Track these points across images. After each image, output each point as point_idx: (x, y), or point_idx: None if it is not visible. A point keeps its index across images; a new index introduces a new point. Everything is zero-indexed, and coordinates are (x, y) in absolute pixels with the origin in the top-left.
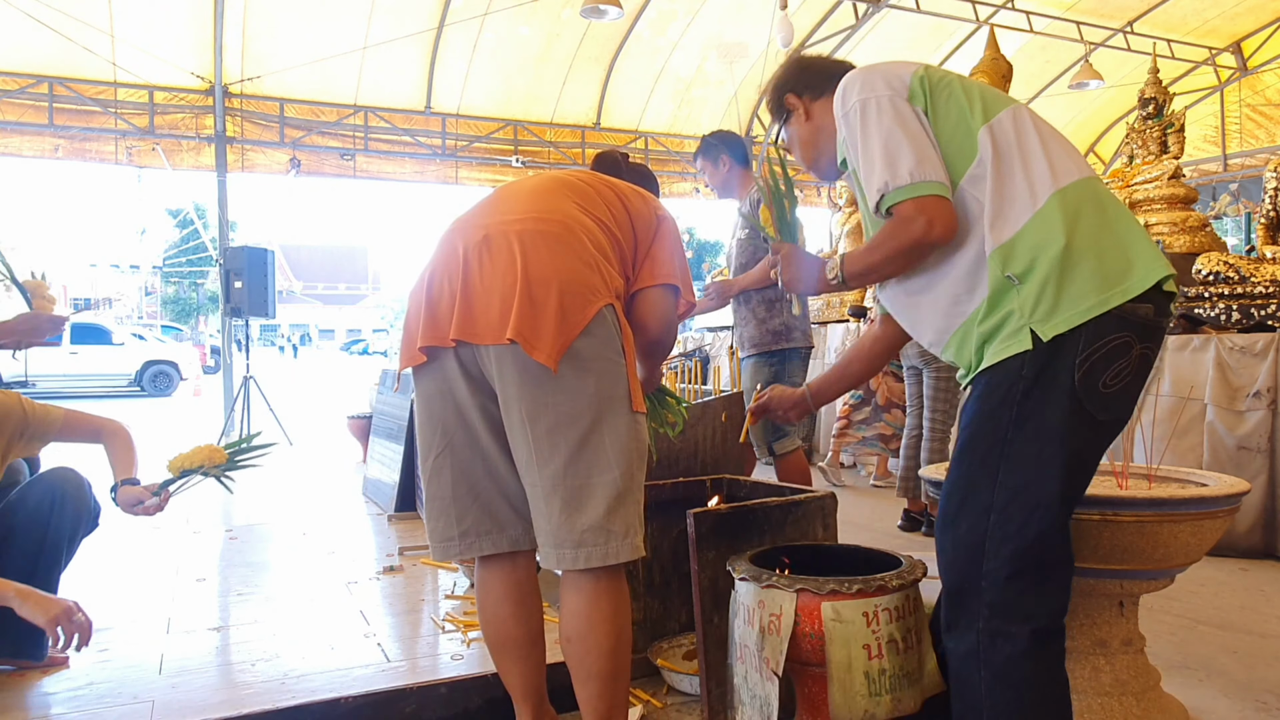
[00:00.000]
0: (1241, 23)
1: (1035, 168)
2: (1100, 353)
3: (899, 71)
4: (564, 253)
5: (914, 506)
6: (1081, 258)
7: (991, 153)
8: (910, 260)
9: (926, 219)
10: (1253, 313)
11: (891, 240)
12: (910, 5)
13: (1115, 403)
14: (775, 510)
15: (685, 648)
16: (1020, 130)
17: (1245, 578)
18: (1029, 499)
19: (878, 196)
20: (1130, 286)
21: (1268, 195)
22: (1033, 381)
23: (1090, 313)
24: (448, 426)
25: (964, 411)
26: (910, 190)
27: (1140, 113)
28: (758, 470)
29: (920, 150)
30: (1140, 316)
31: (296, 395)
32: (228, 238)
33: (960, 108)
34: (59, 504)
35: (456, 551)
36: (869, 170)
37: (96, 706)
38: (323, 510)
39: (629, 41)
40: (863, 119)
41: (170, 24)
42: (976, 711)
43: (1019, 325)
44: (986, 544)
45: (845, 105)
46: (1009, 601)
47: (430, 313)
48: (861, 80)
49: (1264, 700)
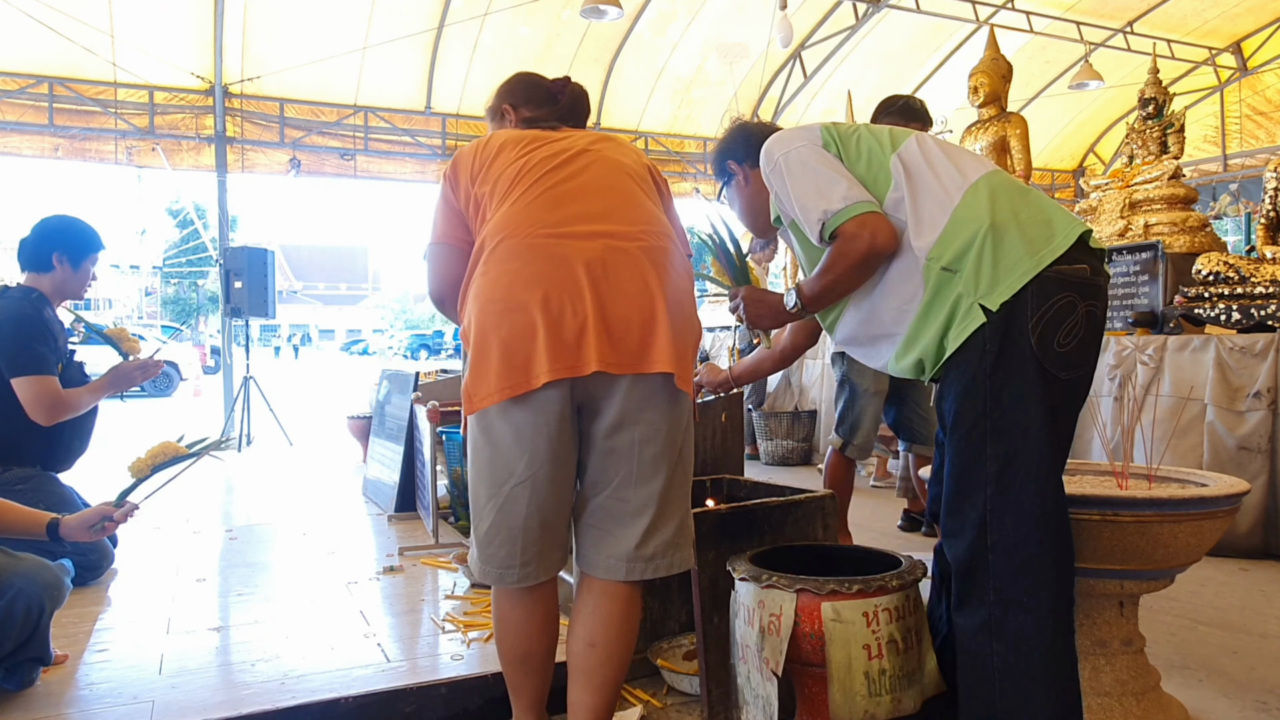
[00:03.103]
0: (1241, 23)
1: (944, 175)
2: (1049, 314)
3: (808, 129)
4: (675, 269)
5: (914, 507)
6: (1006, 230)
7: (904, 174)
8: (862, 273)
9: (869, 231)
10: (1253, 313)
11: (842, 259)
12: (910, 5)
13: (1073, 360)
14: (775, 510)
15: (685, 648)
16: (925, 150)
17: (1245, 578)
18: (1019, 466)
19: (819, 226)
20: (1057, 245)
21: (1268, 195)
22: (997, 353)
23: (1026, 275)
24: (536, 457)
25: (943, 399)
26: (848, 212)
27: (1140, 113)
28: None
29: (847, 180)
30: (1078, 276)
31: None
32: (228, 238)
33: (869, 146)
34: (42, 614)
35: (514, 579)
36: (806, 208)
37: (96, 706)
38: (323, 510)
39: (629, 42)
40: (788, 168)
41: (170, 24)
42: (988, 684)
43: (969, 304)
44: (988, 517)
45: (770, 163)
46: (1018, 569)
47: (555, 337)
48: (779, 140)
49: (1264, 700)
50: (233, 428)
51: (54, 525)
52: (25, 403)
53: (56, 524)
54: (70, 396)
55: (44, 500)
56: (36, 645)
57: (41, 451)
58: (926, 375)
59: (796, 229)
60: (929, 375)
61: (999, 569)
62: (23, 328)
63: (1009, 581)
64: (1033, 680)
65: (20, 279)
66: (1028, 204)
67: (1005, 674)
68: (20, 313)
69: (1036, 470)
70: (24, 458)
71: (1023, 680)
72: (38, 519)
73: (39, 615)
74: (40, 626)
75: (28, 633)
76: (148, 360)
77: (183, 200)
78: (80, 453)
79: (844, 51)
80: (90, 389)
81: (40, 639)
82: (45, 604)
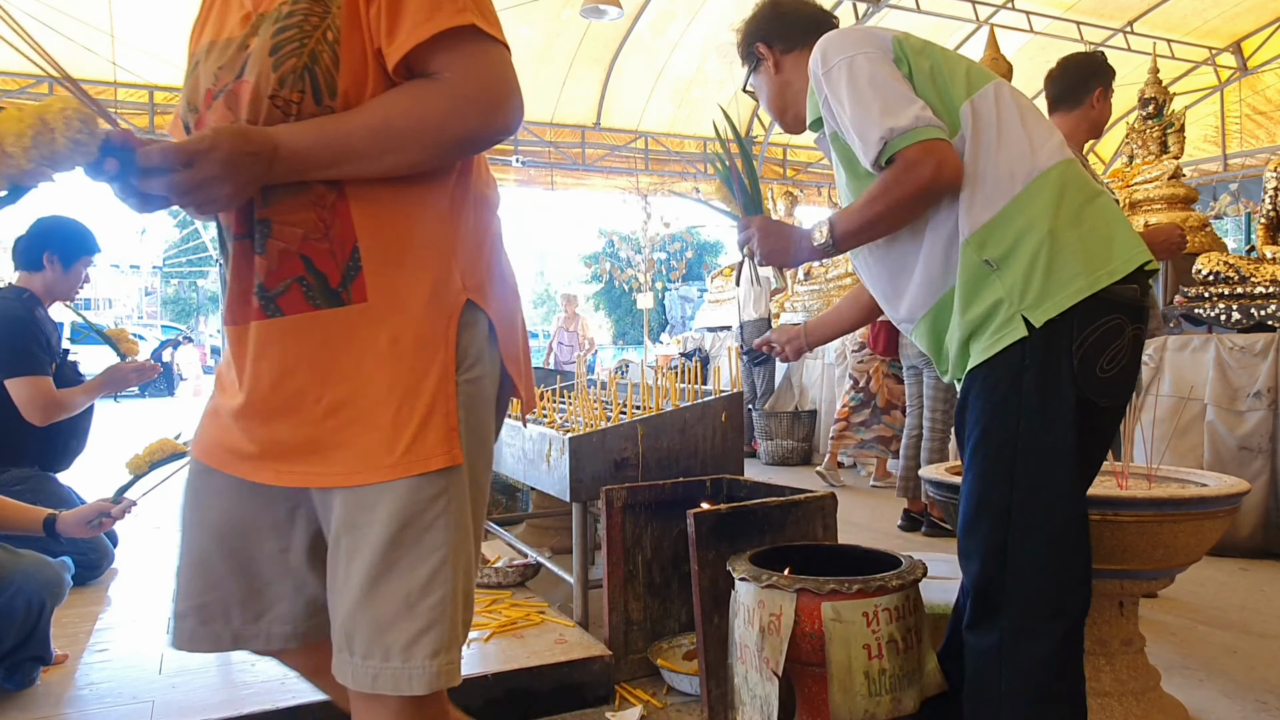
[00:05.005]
0: (1241, 23)
1: (1014, 147)
2: (1094, 336)
3: (878, 34)
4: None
5: (914, 507)
6: (1066, 241)
7: (971, 127)
8: (915, 209)
9: (935, 160)
10: (1253, 313)
11: (897, 187)
12: (910, 5)
13: (1113, 387)
14: (775, 510)
15: (685, 648)
16: (1001, 107)
17: (1245, 578)
18: (1048, 493)
19: (879, 146)
20: (1116, 268)
21: (1268, 195)
22: (1036, 371)
23: (1079, 294)
24: None
25: (966, 410)
26: (915, 134)
27: (1140, 113)
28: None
29: (920, 102)
30: (1128, 298)
31: None
32: None
33: (941, 79)
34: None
35: None
36: (864, 122)
37: (96, 706)
38: None
39: (629, 42)
40: (850, 75)
41: (170, 24)
42: (992, 709)
43: (1010, 314)
44: (1009, 542)
45: (827, 64)
46: (1034, 597)
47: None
48: (843, 39)
49: (1264, 700)
50: None
51: (51, 521)
52: (19, 404)
53: (53, 520)
54: (64, 397)
55: (42, 500)
56: (37, 643)
57: (39, 452)
58: (943, 371)
59: (840, 144)
60: (948, 374)
61: (1014, 595)
62: (14, 328)
63: (1023, 608)
64: (1040, 709)
65: (13, 278)
66: (1094, 212)
67: (1011, 701)
68: (11, 313)
69: (1063, 499)
70: (21, 458)
71: (1029, 708)
72: (35, 515)
73: (39, 612)
74: (40, 623)
75: (28, 629)
76: (144, 363)
77: None
78: (78, 452)
79: None
80: (85, 389)
81: (40, 637)
82: (46, 601)
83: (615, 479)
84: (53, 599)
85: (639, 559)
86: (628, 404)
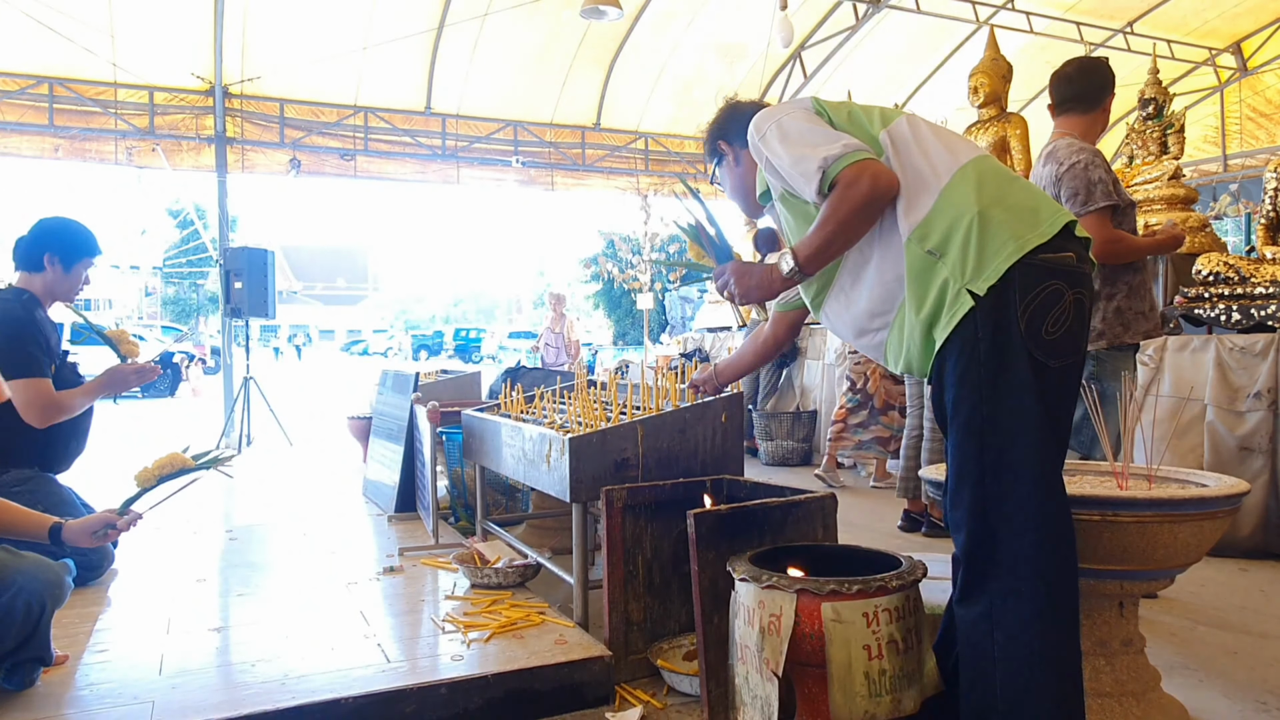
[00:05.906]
0: (1241, 23)
1: (933, 154)
2: (1036, 302)
3: (798, 99)
4: None
5: (914, 507)
6: (994, 216)
7: (892, 149)
8: (863, 221)
9: (870, 174)
10: (1253, 313)
11: (843, 205)
12: (910, 6)
13: (1061, 348)
14: (775, 510)
15: (685, 648)
16: (915, 128)
17: (1245, 578)
18: (1015, 455)
19: (819, 175)
20: (1043, 230)
21: (1268, 195)
22: (989, 341)
23: (1011, 258)
24: None
25: (941, 390)
26: (848, 158)
27: (1140, 113)
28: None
29: (846, 135)
30: (1065, 264)
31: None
32: (228, 238)
33: (859, 120)
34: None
35: None
36: (802, 162)
37: (96, 706)
38: (323, 511)
39: (629, 42)
40: (781, 133)
41: (170, 24)
42: (988, 674)
43: (956, 290)
44: (987, 506)
45: (760, 130)
46: (1017, 558)
47: None
48: (769, 111)
49: (1264, 701)
50: (233, 428)
51: (56, 529)
52: (19, 405)
53: (59, 528)
54: (64, 398)
55: (43, 501)
56: (37, 644)
57: (39, 453)
58: (919, 371)
59: (787, 200)
60: (924, 372)
61: (999, 558)
62: (14, 330)
63: (1009, 570)
64: (1032, 669)
65: (13, 279)
66: (1015, 190)
67: (1005, 663)
68: (11, 315)
69: (1032, 459)
70: (21, 459)
71: (1022, 669)
72: (40, 522)
73: (40, 613)
74: (41, 625)
75: (28, 630)
76: (144, 365)
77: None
78: (78, 453)
79: (844, 52)
80: (84, 390)
81: (41, 638)
82: (46, 602)
83: (615, 479)
84: (53, 600)
85: (639, 559)
86: (628, 404)
